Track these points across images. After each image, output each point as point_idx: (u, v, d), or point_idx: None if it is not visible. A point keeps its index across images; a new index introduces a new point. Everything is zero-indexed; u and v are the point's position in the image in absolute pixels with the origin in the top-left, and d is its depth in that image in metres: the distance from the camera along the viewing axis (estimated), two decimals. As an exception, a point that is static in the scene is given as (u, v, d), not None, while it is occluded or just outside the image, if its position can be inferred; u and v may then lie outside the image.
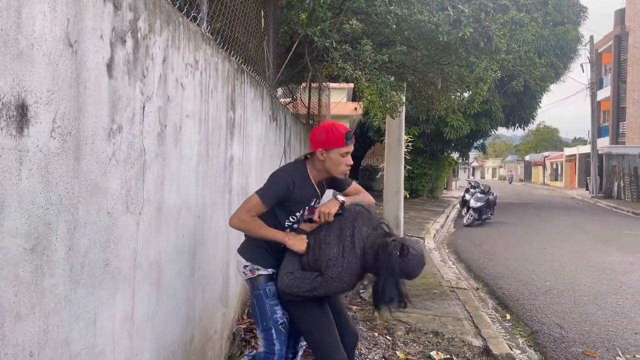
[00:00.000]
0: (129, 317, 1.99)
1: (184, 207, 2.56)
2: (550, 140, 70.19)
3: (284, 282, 2.48)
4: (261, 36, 4.80)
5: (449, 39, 5.06)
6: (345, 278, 2.41)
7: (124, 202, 1.92)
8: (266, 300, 2.59)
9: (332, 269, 2.40)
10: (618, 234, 12.19)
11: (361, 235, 2.46)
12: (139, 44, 1.98)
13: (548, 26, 18.34)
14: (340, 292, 2.58)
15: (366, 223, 2.52)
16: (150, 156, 2.12)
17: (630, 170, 23.95)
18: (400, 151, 11.06)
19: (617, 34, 34.53)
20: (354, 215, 2.53)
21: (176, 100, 2.39)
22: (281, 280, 2.50)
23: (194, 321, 2.77)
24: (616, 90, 34.98)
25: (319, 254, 2.48)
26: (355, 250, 2.43)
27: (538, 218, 15.96)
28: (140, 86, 2.01)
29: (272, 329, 2.58)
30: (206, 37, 2.85)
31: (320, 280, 2.42)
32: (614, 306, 5.65)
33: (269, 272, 2.59)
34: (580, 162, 39.94)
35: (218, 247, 3.20)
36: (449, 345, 4.26)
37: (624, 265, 8.03)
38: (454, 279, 6.93)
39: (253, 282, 2.63)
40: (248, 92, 3.86)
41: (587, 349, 4.38)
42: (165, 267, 2.33)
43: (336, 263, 2.40)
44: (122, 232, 1.91)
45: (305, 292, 2.45)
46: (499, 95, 18.30)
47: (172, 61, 2.32)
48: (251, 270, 2.63)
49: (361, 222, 2.51)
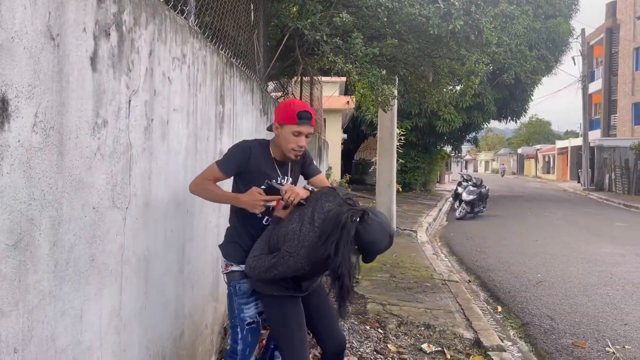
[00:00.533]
0: (117, 312, 1.98)
1: (172, 202, 2.54)
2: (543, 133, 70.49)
3: (249, 264, 2.42)
4: (251, 30, 4.77)
5: (439, 31, 5.05)
6: (301, 252, 2.24)
7: (110, 197, 1.91)
8: (235, 297, 2.55)
9: (289, 242, 2.28)
10: (609, 226, 12.28)
11: (322, 210, 2.34)
12: (124, 37, 1.96)
13: (540, 19, 18.38)
14: (299, 271, 2.32)
15: (329, 199, 2.41)
16: (136, 150, 2.10)
17: (622, 162, 24.11)
18: (393, 145, 11.08)
19: (609, 27, 34.65)
20: (317, 195, 2.45)
21: (163, 94, 2.37)
22: (247, 263, 2.45)
23: (183, 316, 2.76)
24: (607, 83, 35.15)
25: (278, 232, 2.39)
26: (314, 223, 2.29)
27: (530, 211, 16.05)
28: (126, 80, 1.99)
29: (238, 328, 2.55)
30: (194, 30, 2.83)
31: (278, 256, 2.31)
32: (604, 297, 5.70)
33: (242, 268, 2.53)
34: (572, 154, 40.17)
35: (208, 242, 3.19)
36: (441, 337, 4.28)
37: (614, 257, 8.09)
38: (445, 271, 6.96)
39: (227, 277, 2.60)
40: (238, 85, 3.84)
41: (577, 340, 4.42)
42: (153, 262, 2.32)
43: (292, 237, 2.29)
44: (109, 227, 1.90)
45: (266, 273, 2.34)
46: (491, 88, 18.34)
47: (158, 55, 2.30)
48: (225, 265, 2.60)
49: (324, 199, 2.41)
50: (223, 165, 2.51)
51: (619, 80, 33.31)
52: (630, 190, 23.14)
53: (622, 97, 32.70)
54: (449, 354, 3.95)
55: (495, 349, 4.04)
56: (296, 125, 2.46)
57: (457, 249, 9.19)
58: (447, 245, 9.69)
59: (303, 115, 2.47)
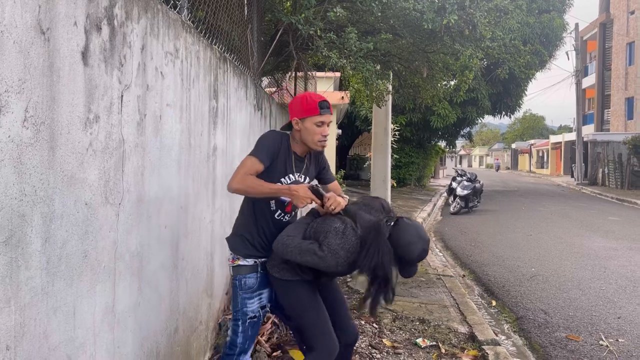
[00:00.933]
0: (110, 309, 1.97)
1: (166, 198, 2.53)
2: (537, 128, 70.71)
3: (282, 241, 2.43)
4: (245, 25, 4.75)
5: (433, 26, 5.05)
6: (340, 253, 2.32)
7: (103, 192, 1.89)
8: (240, 291, 2.56)
9: (331, 239, 2.34)
10: (602, 220, 12.35)
11: (364, 219, 2.44)
12: (116, 32, 1.94)
13: (533, 14, 18.42)
14: (330, 269, 2.39)
15: (368, 210, 2.52)
16: (129, 146, 2.09)
17: (615, 157, 24.22)
18: (387, 140, 11.08)
19: (602, 22, 34.73)
20: (359, 205, 2.56)
21: (156, 89, 2.36)
22: (279, 239, 2.45)
23: (178, 312, 2.75)
24: (601, 77, 35.26)
25: (320, 226, 2.43)
26: (357, 230, 2.38)
27: (524, 205, 16.11)
28: (118, 75, 1.98)
29: (239, 320, 2.56)
30: (187, 25, 2.81)
31: (315, 247, 2.34)
32: (597, 291, 5.73)
33: (249, 262, 2.55)
34: (565, 149, 40.32)
35: (202, 238, 3.18)
36: (435, 332, 4.29)
37: (607, 251, 8.14)
38: (440, 266, 6.98)
39: (233, 270, 2.61)
40: (231, 80, 3.82)
41: (571, 333, 4.44)
42: (147, 258, 2.31)
43: (336, 236, 2.35)
44: (102, 223, 1.89)
45: (300, 255, 2.37)
46: (485, 83, 18.35)
47: (151, 49, 2.28)
48: (232, 259, 2.61)
49: (365, 210, 2.52)
50: (262, 156, 2.46)
51: (613, 75, 33.43)
52: (623, 185, 23.27)
53: (616, 92, 32.83)
54: (443, 348, 3.96)
55: (490, 343, 4.05)
56: (319, 115, 2.49)
57: (451, 243, 9.22)
58: (441, 240, 9.71)
59: (324, 105, 2.50)
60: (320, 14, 5.28)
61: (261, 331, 3.52)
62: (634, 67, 30.39)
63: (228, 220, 3.80)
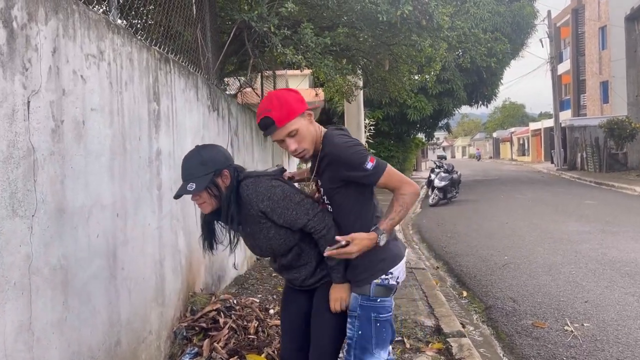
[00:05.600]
0: (26, 326, 1.87)
1: (96, 206, 2.43)
2: (517, 116, 71.39)
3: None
4: (194, 24, 4.64)
5: (388, 18, 4.99)
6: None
7: (9, 205, 1.79)
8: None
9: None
10: (578, 204, 12.43)
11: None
12: (15, 34, 1.84)
13: (504, 2, 18.50)
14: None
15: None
16: (42, 154, 1.99)
17: (592, 141, 24.46)
18: (361, 135, 11.08)
19: (574, 7, 35.09)
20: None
21: (75, 93, 2.25)
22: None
23: (119, 324, 2.65)
24: (575, 63, 35.64)
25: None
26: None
27: (503, 194, 16.18)
28: (22, 79, 1.88)
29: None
30: (113, 25, 2.70)
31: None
32: (567, 276, 5.73)
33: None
34: (545, 136, 40.70)
35: (147, 245, 3.07)
36: (401, 327, 4.23)
37: (581, 234, 8.17)
38: (414, 259, 6.94)
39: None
40: (177, 82, 3.72)
41: (537, 320, 4.42)
42: (74, 270, 2.21)
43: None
44: (9, 238, 1.79)
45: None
46: (460, 74, 18.40)
47: (65, 52, 2.18)
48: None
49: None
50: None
51: (587, 60, 33.80)
52: (601, 168, 23.50)
53: (590, 77, 33.20)
54: (408, 343, 3.91)
55: (455, 335, 4.00)
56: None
57: (427, 235, 9.20)
58: (418, 233, 9.69)
59: (262, 128, 2.09)
60: (273, 10, 5.20)
61: (218, 337, 3.44)
62: (607, 51, 30.74)
63: (180, 225, 3.70)
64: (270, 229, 2.14)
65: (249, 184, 2.13)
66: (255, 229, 2.17)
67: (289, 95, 2.09)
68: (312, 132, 2.10)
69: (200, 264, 4.18)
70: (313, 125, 2.13)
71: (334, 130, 2.16)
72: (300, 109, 2.06)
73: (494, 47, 12.85)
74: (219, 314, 3.70)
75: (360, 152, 2.07)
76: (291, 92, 2.14)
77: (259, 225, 2.15)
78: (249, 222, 2.17)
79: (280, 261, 2.30)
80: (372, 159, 2.06)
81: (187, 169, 2.13)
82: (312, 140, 2.11)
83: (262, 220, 2.13)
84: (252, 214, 2.12)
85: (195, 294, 3.96)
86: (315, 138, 2.12)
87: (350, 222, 2.14)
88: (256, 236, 2.19)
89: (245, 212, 2.14)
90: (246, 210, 2.13)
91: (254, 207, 2.10)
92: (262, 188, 2.12)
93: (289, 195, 2.14)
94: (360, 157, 2.04)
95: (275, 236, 2.16)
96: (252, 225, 2.17)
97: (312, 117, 2.14)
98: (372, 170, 2.05)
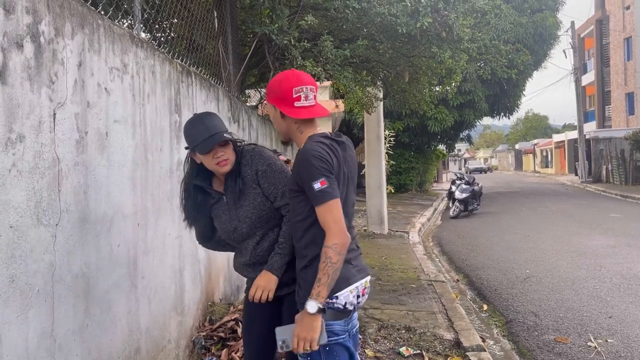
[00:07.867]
0: (48, 333, 1.91)
1: (117, 215, 2.48)
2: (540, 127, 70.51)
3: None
4: (216, 38, 4.72)
5: (408, 30, 5.00)
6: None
7: (34, 214, 1.84)
8: None
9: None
10: (603, 217, 12.19)
11: None
12: (43, 49, 1.90)
13: (526, 13, 18.38)
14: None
15: None
16: (66, 165, 2.04)
17: (617, 153, 24.02)
18: (381, 146, 11.03)
19: (598, 18, 34.64)
20: None
21: (99, 105, 2.31)
22: None
23: (139, 332, 2.69)
24: (600, 74, 35.10)
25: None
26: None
27: (525, 206, 15.96)
28: (48, 92, 1.94)
29: None
30: (137, 39, 2.77)
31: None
32: (590, 291, 5.61)
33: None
34: (569, 147, 40.05)
35: (167, 254, 3.12)
36: (420, 340, 4.20)
37: (605, 248, 8.00)
38: (433, 272, 6.88)
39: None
40: (198, 94, 3.78)
41: (560, 335, 4.33)
42: (95, 278, 2.25)
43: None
44: (33, 246, 1.84)
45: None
46: (482, 85, 18.28)
47: (91, 65, 2.24)
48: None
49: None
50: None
51: (612, 71, 33.27)
52: (627, 181, 23.04)
53: (615, 88, 32.65)
54: (427, 356, 3.87)
55: (475, 349, 3.95)
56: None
57: (448, 248, 9.11)
58: (438, 245, 9.60)
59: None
60: (294, 23, 5.26)
61: (235, 347, 3.45)
62: (633, 62, 30.24)
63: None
64: (257, 196, 2.19)
65: (256, 148, 2.27)
66: (244, 194, 2.19)
67: (274, 83, 2.05)
68: (281, 124, 2.07)
69: (219, 274, 4.21)
70: (285, 121, 2.05)
71: (320, 137, 1.99)
72: (270, 99, 2.06)
73: (515, 59, 12.76)
74: (237, 324, 3.72)
75: (320, 167, 1.88)
76: (282, 81, 2.02)
77: (249, 189, 2.19)
78: (242, 188, 2.20)
79: (255, 251, 2.22)
80: (324, 182, 1.86)
81: (215, 125, 2.18)
82: (282, 131, 2.09)
83: (254, 185, 2.19)
84: (247, 175, 2.19)
85: (214, 303, 3.99)
86: (288, 131, 2.08)
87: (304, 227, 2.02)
88: (242, 203, 2.19)
89: (243, 176, 2.20)
90: (244, 173, 2.20)
91: (252, 168, 2.19)
92: (267, 155, 2.25)
93: (286, 172, 2.22)
94: (315, 174, 1.87)
95: (260, 206, 2.19)
96: (243, 189, 2.19)
97: (280, 112, 2.04)
98: (316, 192, 1.86)
